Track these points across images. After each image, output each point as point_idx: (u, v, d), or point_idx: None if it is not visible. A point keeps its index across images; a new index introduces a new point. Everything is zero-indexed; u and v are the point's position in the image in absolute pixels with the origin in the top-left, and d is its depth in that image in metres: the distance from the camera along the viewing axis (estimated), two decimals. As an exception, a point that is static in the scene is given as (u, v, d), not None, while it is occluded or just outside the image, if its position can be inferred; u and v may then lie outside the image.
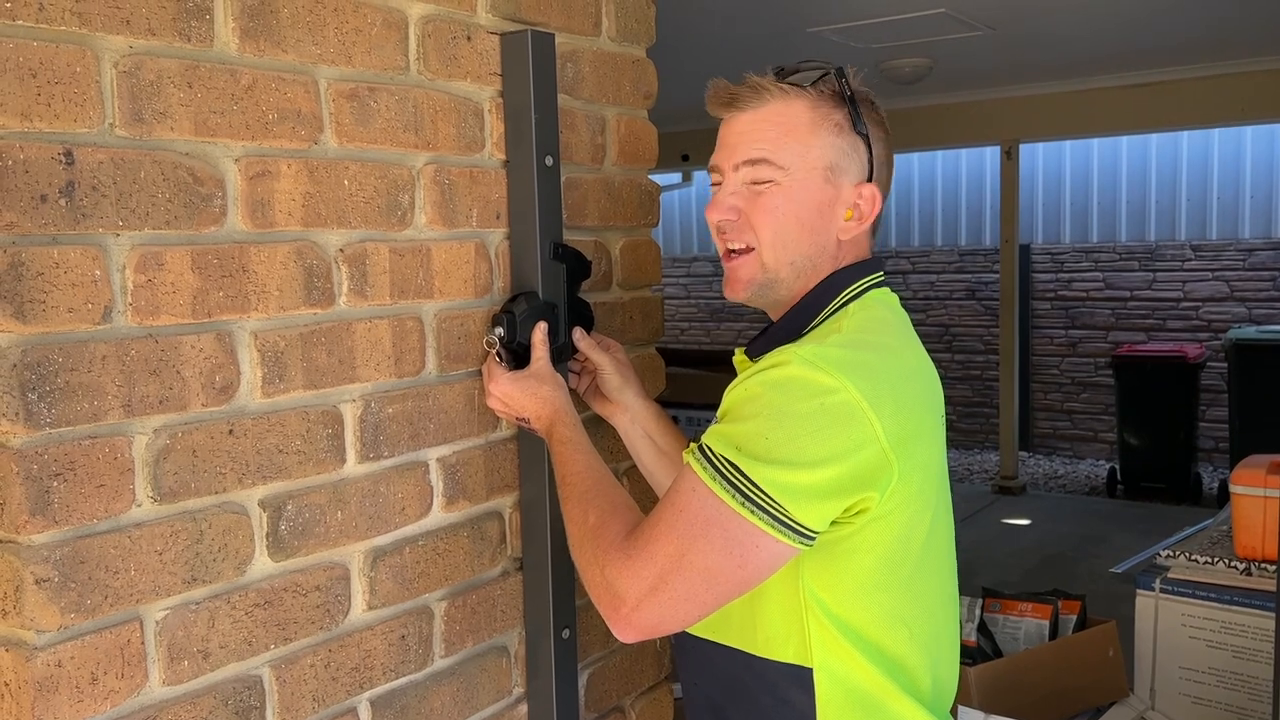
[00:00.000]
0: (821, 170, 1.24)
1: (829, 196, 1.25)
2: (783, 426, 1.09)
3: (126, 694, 1.06)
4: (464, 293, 1.41)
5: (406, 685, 1.35)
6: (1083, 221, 8.22)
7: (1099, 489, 7.27)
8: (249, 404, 1.16)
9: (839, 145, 1.24)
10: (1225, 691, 2.39)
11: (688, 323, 9.94)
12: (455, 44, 1.38)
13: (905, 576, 1.20)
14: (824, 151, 1.24)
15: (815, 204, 1.24)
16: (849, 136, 1.25)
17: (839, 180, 1.25)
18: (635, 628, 1.13)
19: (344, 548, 1.27)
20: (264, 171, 1.17)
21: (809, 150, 1.23)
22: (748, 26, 4.37)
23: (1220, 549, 2.49)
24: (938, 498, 1.23)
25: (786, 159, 1.23)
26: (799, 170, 1.23)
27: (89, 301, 1.01)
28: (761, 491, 1.08)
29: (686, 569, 1.10)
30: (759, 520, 1.08)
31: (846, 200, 1.26)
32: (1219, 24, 4.70)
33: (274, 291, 1.18)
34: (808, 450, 1.08)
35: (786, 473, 1.08)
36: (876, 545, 1.16)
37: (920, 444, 1.16)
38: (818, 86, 1.25)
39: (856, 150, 1.25)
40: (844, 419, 1.09)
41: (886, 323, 1.23)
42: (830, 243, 1.26)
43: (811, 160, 1.23)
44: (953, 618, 1.31)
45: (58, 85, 0.98)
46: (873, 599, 1.18)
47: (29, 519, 0.97)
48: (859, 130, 1.25)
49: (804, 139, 1.24)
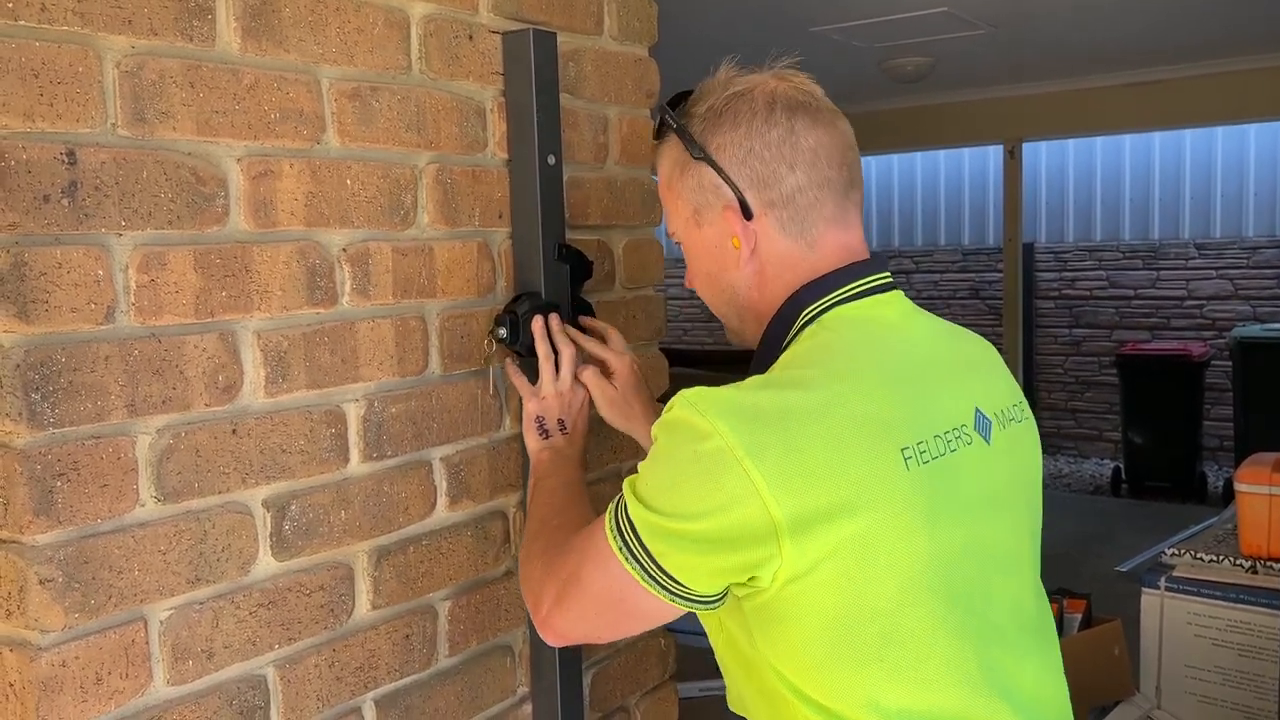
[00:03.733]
0: (691, 219, 1.17)
1: (713, 238, 1.15)
2: (660, 471, 1.03)
3: (131, 694, 1.06)
4: (467, 292, 1.41)
5: (411, 685, 1.35)
6: (1086, 220, 8.21)
7: (1104, 488, 7.26)
8: (252, 404, 1.16)
9: (689, 185, 1.15)
10: (1231, 690, 2.39)
11: (690, 323, 9.94)
12: (457, 43, 1.38)
13: (870, 643, 1.00)
14: (686, 199, 1.16)
15: (707, 252, 1.17)
16: (692, 169, 1.14)
17: (710, 217, 1.15)
18: (549, 630, 1.15)
19: (348, 547, 1.27)
20: (266, 171, 1.17)
21: (677, 206, 1.18)
22: (750, 26, 4.37)
23: (1225, 547, 2.49)
24: (922, 541, 1.00)
25: (672, 224, 1.20)
26: (681, 229, 1.19)
27: (92, 301, 1.01)
28: (636, 537, 1.03)
29: (579, 588, 1.10)
30: (631, 568, 1.03)
31: (727, 231, 1.14)
32: (1222, 22, 4.70)
33: (277, 291, 1.18)
34: (676, 501, 1.00)
35: (658, 519, 1.01)
36: (813, 611, 0.99)
37: (848, 489, 0.97)
38: (663, 131, 1.18)
39: (704, 178, 1.13)
40: (716, 469, 0.97)
41: (831, 349, 1.07)
42: (742, 278, 1.15)
43: (683, 214, 1.17)
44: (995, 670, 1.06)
45: (60, 85, 0.98)
46: (831, 671, 1.01)
47: (33, 519, 0.97)
48: (696, 156, 1.13)
49: (670, 196, 1.19)
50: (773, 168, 1.11)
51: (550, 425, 1.39)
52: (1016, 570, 1.14)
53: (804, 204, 1.12)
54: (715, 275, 1.18)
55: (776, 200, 1.11)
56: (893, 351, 1.10)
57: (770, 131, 1.10)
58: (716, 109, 1.13)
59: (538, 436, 1.39)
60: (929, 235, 8.88)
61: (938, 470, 1.03)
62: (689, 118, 1.15)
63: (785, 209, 1.12)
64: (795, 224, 1.12)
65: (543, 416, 1.39)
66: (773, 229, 1.12)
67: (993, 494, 1.10)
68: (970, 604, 1.06)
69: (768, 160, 1.10)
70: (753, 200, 1.11)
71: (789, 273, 1.13)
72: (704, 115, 1.14)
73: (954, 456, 1.05)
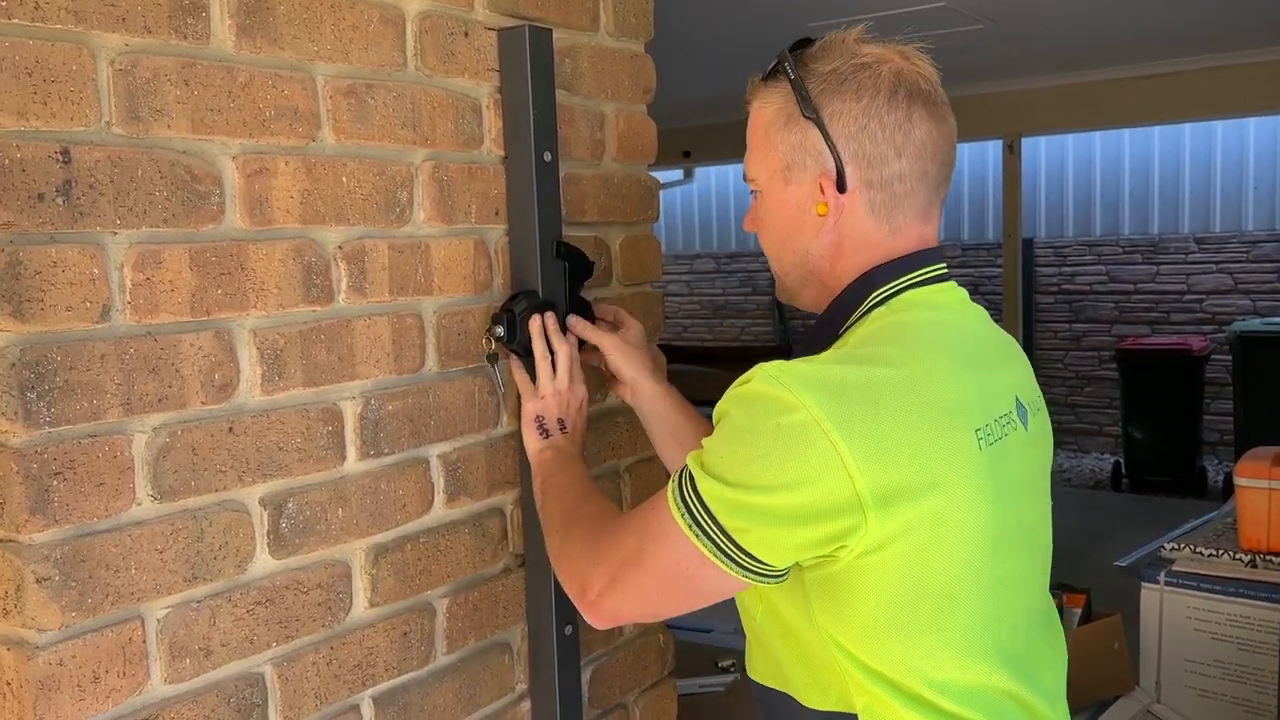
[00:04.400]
0: (780, 173, 1.15)
1: (797, 198, 1.14)
2: (739, 445, 1.01)
3: (128, 692, 1.06)
4: (463, 289, 1.41)
5: (409, 682, 1.35)
6: (1085, 215, 8.20)
7: (1104, 483, 7.26)
8: (249, 402, 1.16)
9: (789, 141, 1.13)
10: (1231, 684, 2.39)
11: (690, 320, 9.93)
12: (453, 40, 1.37)
13: (929, 616, 1.03)
14: (780, 152, 1.14)
15: (786, 210, 1.16)
16: (798, 126, 1.12)
17: (800, 178, 1.14)
18: (600, 614, 1.13)
19: (345, 545, 1.27)
20: (262, 169, 1.16)
21: (768, 155, 1.16)
22: (748, 22, 4.36)
23: (1225, 541, 2.49)
24: (983, 523, 1.04)
25: (754, 169, 1.18)
26: (764, 179, 1.17)
27: (87, 300, 1.01)
28: (708, 514, 1.01)
29: (641, 567, 1.08)
30: (703, 546, 1.02)
31: (815, 197, 1.13)
32: (1221, 15, 4.69)
33: (273, 289, 1.18)
34: (759, 473, 0.99)
35: (734, 494, 1.00)
36: (880, 583, 1.02)
37: (928, 467, 1.00)
38: (775, 76, 1.15)
39: (808, 139, 1.12)
40: (801, 442, 0.97)
41: (905, 329, 1.09)
42: (817, 245, 1.15)
43: (772, 165, 1.16)
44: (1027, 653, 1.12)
45: (54, 84, 0.98)
46: (889, 642, 1.04)
47: (29, 518, 0.97)
48: (807, 115, 1.11)
49: (763, 144, 1.16)
50: (881, 149, 1.10)
51: (550, 424, 1.39)
52: (1042, 556, 1.19)
53: (900, 192, 1.12)
54: (788, 235, 1.17)
55: (875, 182, 1.11)
56: (958, 337, 1.12)
57: (889, 114, 1.10)
58: (840, 74, 1.11)
59: (538, 436, 1.39)
60: (928, 231, 8.86)
61: (997, 453, 1.07)
62: (807, 73, 1.12)
63: (881, 192, 1.12)
64: (885, 208, 1.13)
65: (542, 416, 1.39)
66: (861, 208, 1.12)
67: (1030, 479, 1.15)
68: (1015, 586, 1.11)
69: (879, 141, 1.10)
70: (851, 175, 1.11)
71: (865, 252, 1.14)
72: (825, 76, 1.11)
73: (1006, 441, 1.09)
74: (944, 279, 1.16)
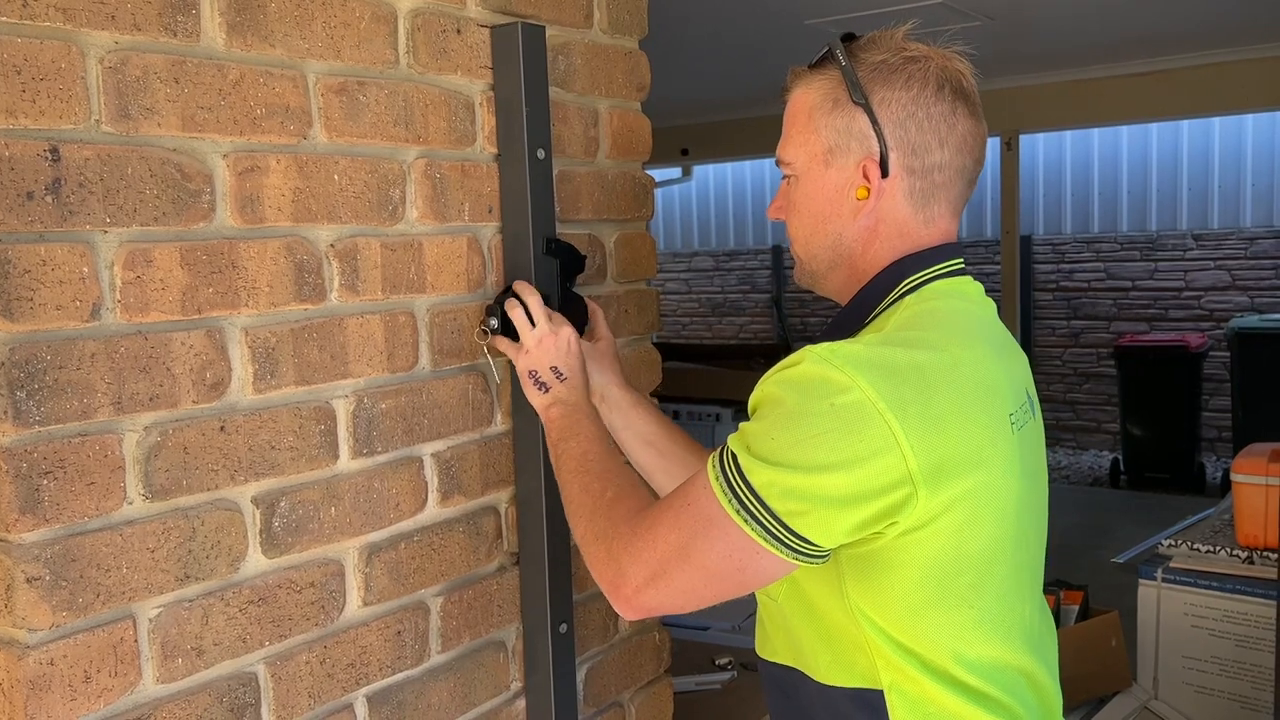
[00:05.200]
0: (821, 156, 1.18)
1: (836, 182, 1.18)
2: (790, 428, 1.01)
3: (120, 692, 1.05)
4: (456, 287, 1.41)
5: (403, 681, 1.35)
6: (1084, 212, 8.20)
7: (1102, 480, 7.26)
8: (240, 400, 1.16)
9: (834, 125, 1.17)
10: (1228, 680, 2.39)
11: (689, 318, 9.93)
12: (445, 37, 1.37)
13: (962, 593, 1.07)
14: (823, 135, 1.18)
15: (823, 193, 1.19)
16: (845, 110, 1.16)
17: (841, 162, 1.17)
18: (635, 608, 1.12)
19: (338, 544, 1.26)
20: (253, 167, 1.16)
21: (809, 139, 1.19)
22: (745, 20, 4.36)
23: (1222, 538, 2.49)
24: (1013, 502, 1.09)
25: (792, 153, 1.20)
26: (803, 162, 1.20)
27: (77, 299, 1.01)
28: (758, 499, 1.01)
29: (687, 563, 1.06)
30: (754, 532, 1.02)
31: (855, 181, 1.16)
32: (1219, 12, 4.69)
33: (264, 287, 1.18)
34: (813, 454, 1.00)
35: (788, 476, 1.00)
36: (919, 560, 1.04)
37: (977, 450, 1.04)
38: (823, 64, 1.19)
39: (855, 123, 1.16)
40: (856, 421, 0.99)
41: (940, 316, 1.13)
42: (852, 229, 1.18)
43: (812, 148, 1.19)
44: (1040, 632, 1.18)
45: (43, 81, 0.98)
46: (924, 618, 1.07)
47: (19, 517, 0.97)
48: (856, 100, 1.15)
49: (805, 127, 1.19)
50: (927, 138, 1.15)
51: (545, 376, 1.36)
52: (1042, 544, 1.23)
53: (939, 181, 1.17)
54: (823, 219, 1.19)
55: (917, 169, 1.16)
56: (985, 326, 1.17)
57: (936, 105, 1.15)
58: (890, 65, 1.15)
59: (539, 393, 1.36)
60: (927, 228, 8.86)
61: (1021, 438, 1.12)
62: (857, 62, 1.16)
63: (921, 179, 1.16)
64: (923, 197, 1.17)
65: (535, 370, 1.37)
66: (900, 194, 1.16)
67: (1038, 467, 1.20)
68: (1031, 568, 1.17)
69: (925, 130, 1.15)
70: (894, 161, 1.15)
71: (899, 239, 1.18)
72: (875, 65, 1.16)
73: (1025, 428, 1.14)
74: (964, 273, 1.20)
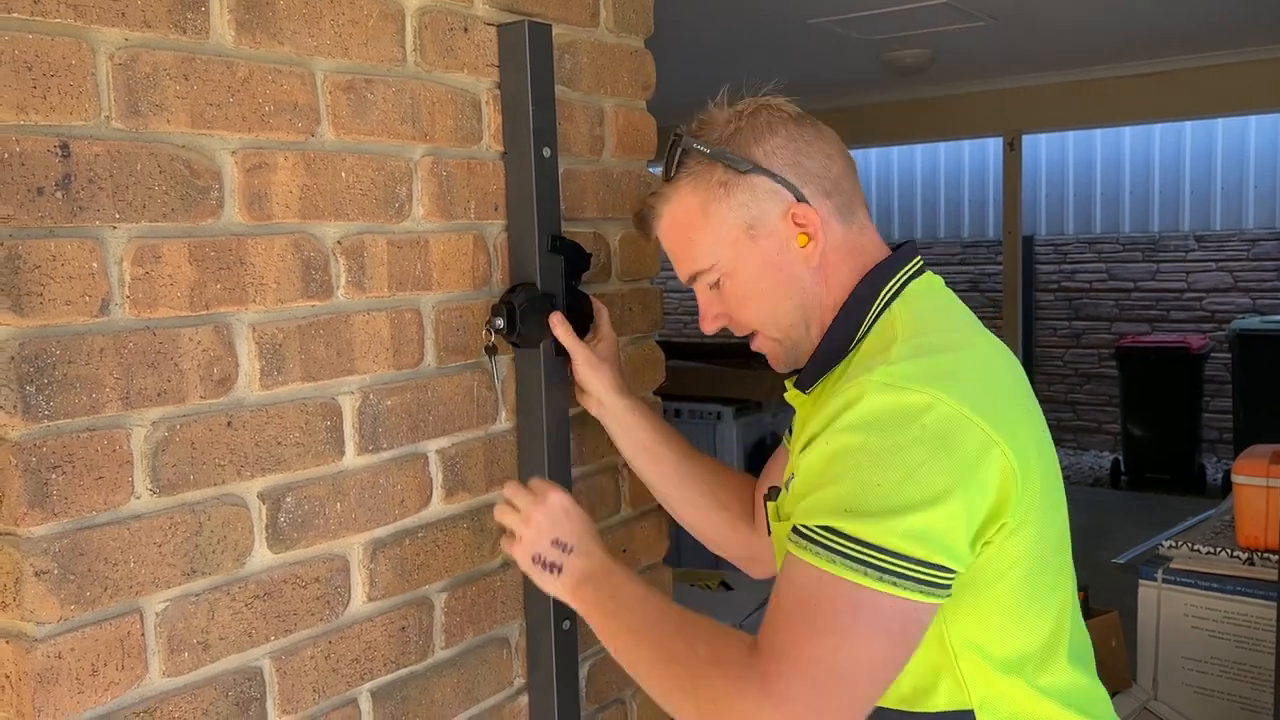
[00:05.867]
0: (744, 237, 1.16)
1: (773, 247, 1.16)
2: (889, 467, 0.95)
3: (127, 685, 1.06)
4: (462, 285, 1.41)
5: (407, 676, 1.35)
6: (1086, 212, 8.20)
7: (1103, 480, 7.27)
8: (247, 396, 1.16)
9: (737, 203, 1.16)
10: (1228, 681, 2.39)
11: (691, 316, 9.93)
12: (452, 35, 1.38)
13: (1051, 581, 1.08)
14: (732, 220, 1.16)
15: (768, 264, 1.16)
16: (740, 185, 1.15)
17: (767, 227, 1.16)
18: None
19: (344, 540, 1.27)
20: (261, 164, 1.17)
21: (719, 232, 1.16)
22: (749, 19, 4.36)
23: (1223, 539, 2.49)
24: (1058, 486, 1.13)
25: (708, 256, 1.18)
26: (727, 255, 1.17)
27: (86, 294, 1.01)
28: (899, 557, 0.94)
29: (852, 662, 0.94)
30: (909, 591, 0.94)
31: (789, 233, 1.16)
32: (1223, 13, 4.69)
33: (272, 284, 1.18)
34: (928, 485, 0.95)
35: (914, 519, 0.94)
36: (1019, 560, 1.03)
37: (1027, 431, 1.06)
38: (684, 167, 1.18)
39: (757, 188, 1.15)
40: (952, 435, 0.96)
41: (938, 314, 1.15)
42: (808, 276, 1.17)
43: (729, 237, 1.16)
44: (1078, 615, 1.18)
45: (53, 78, 0.98)
46: (1025, 618, 1.06)
47: (27, 511, 0.98)
48: (744, 170, 1.15)
49: (706, 226, 1.17)
50: (820, 161, 1.17)
51: (551, 555, 1.26)
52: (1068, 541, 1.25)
53: (848, 189, 1.20)
54: (781, 285, 1.17)
55: (830, 189, 1.17)
56: (970, 316, 1.20)
57: (802, 132, 1.18)
58: (742, 127, 1.17)
59: (553, 578, 1.25)
60: (928, 227, 8.87)
61: (1041, 422, 1.16)
62: (714, 141, 1.17)
63: (837, 196, 1.18)
64: (847, 209, 1.19)
65: (537, 554, 1.26)
66: (832, 217, 1.18)
67: None
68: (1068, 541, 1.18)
69: (814, 155, 1.17)
70: (810, 194, 1.16)
71: (851, 258, 1.18)
72: (732, 134, 1.16)
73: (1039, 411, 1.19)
74: (923, 269, 1.22)
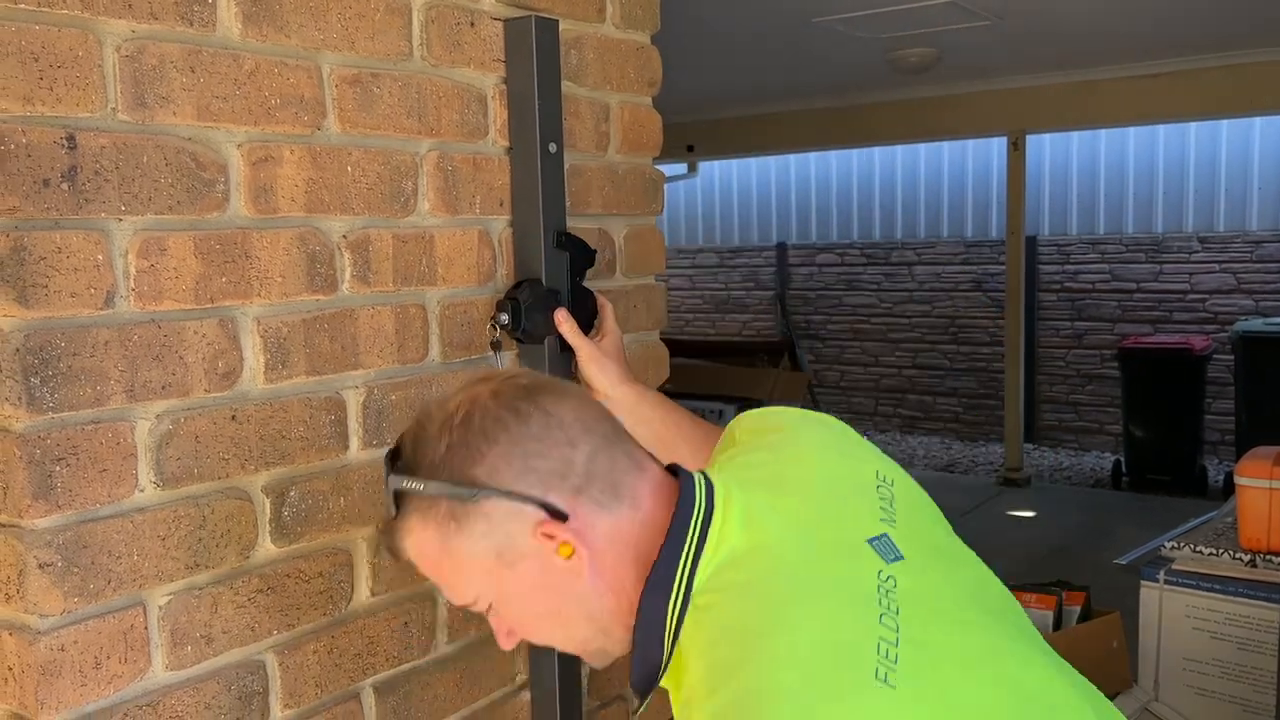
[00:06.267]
0: (496, 567, 0.96)
1: (531, 568, 0.97)
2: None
3: (130, 678, 1.06)
4: (467, 280, 1.41)
5: (410, 671, 1.35)
6: (1089, 213, 8.19)
7: (1104, 481, 7.26)
8: (252, 390, 1.16)
9: (475, 534, 0.95)
10: (1229, 683, 2.39)
11: (692, 314, 9.93)
12: (459, 30, 1.37)
13: None
14: (478, 552, 0.96)
15: (535, 589, 0.98)
16: (471, 516, 0.94)
17: (516, 551, 0.96)
18: None
19: (347, 534, 1.27)
20: (267, 157, 1.16)
21: (470, 568, 0.97)
22: (754, 17, 4.36)
23: (1225, 541, 2.49)
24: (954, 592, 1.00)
25: (472, 590, 0.99)
26: (489, 587, 0.98)
27: (91, 286, 1.01)
28: None
29: None
30: None
31: (547, 550, 0.96)
32: (1227, 14, 4.68)
33: (277, 278, 1.18)
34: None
35: None
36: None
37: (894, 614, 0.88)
38: (406, 503, 0.96)
39: (493, 514, 0.94)
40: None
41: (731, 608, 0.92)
42: (586, 588, 0.98)
43: (482, 570, 0.97)
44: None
45: (60, 69, 0.98)
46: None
47: (32, 503, 0.97)
48: (470, 499, 0.94)
49: (451, 564, 0.97)
50: (558, 455, 0.96)
51: None
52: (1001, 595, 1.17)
53: (604, 468, 0.98)
54: (557, 607, 0.99)
55: (581, 483, 0.97)
56: (799, 557, 0.96)
57: (531, 427, 0.96)
58: (456, 442, 0.95)
59: None
60: (931, 227, 8.86)
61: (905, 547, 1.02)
62: (432, 469, 0.95)
63: (592, 485, 0.97)
64: (608, 494, 0.98)
65: None
66: (592, 513, 0.97)
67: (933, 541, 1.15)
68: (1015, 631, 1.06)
69: (548, 452, 0.96)
70: (557, 499, 0.95)
71: (627, 550, 0.98)
72: (445, 456, 0.95)
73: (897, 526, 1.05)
74: (710, 519, 0.96)
